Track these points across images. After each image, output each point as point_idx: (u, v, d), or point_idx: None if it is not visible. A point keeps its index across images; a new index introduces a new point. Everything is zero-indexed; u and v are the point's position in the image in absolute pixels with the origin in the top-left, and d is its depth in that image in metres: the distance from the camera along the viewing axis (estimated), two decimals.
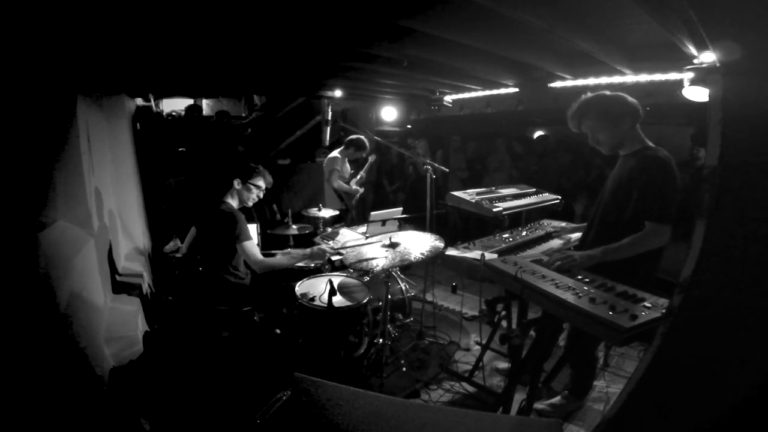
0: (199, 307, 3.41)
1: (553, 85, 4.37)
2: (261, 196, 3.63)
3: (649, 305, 2.02)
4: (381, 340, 3.62)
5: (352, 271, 3.82)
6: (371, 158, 5.95)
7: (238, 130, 7.60)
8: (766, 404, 1.39)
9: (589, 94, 2.70)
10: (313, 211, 5.02)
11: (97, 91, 4.02)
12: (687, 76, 2.96)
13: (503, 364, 3.75)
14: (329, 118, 7.69)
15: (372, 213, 4.15)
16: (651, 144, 2.64)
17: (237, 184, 3.52)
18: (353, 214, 6.01)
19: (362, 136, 5.74)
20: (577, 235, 3.39)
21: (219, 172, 5.60)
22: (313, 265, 3.96)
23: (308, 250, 3.60)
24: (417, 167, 7.75)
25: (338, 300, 3.27)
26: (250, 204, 3.61)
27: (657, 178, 2.48)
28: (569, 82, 4.24)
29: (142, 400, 2.78)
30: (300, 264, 3.80)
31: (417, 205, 5.19)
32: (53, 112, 2.81)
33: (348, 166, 5.89)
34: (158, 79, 4.76)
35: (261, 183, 3.57)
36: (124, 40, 2.70)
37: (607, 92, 2.67)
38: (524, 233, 3.64)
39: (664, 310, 1.93)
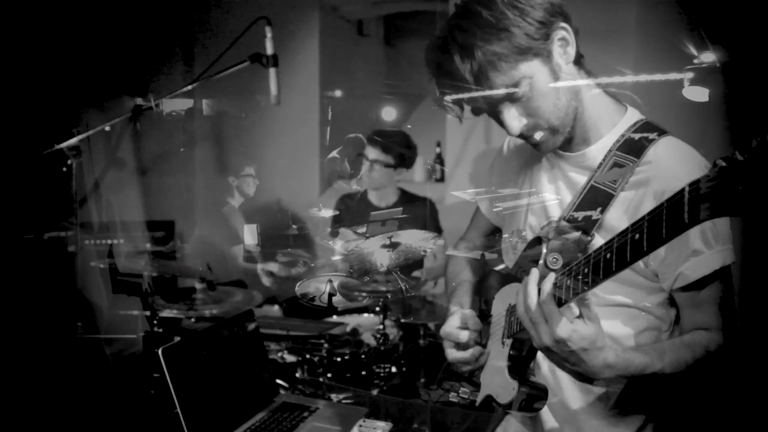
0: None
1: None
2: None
3: None
4: (381, 340, 3.63)
5: (352, 271, 3.82)
6: (370, 157, 5.90)
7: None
8: None
9: None
10: (313, 211, 4.99)
11: (96, 91, 4.02)
12: (687, 76, 2.95)
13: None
14: (329, 118, 7.66)
15: (372, 213, 4.13)
16: None
17: (232, 180, 3.56)
18: (353, 214, 5.99)
19: (360, 135, 5.71)
20: (575, 234, 3.36)
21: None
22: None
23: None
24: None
25: (338, 300, 3.27)
26: (251, 192, 3.66)
27: None
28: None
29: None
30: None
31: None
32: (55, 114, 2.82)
33: (348, 165, 5.86)
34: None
35: (251, 170, 3.65)
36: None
37: None
38: (525, 232, 3.62)
39: None
